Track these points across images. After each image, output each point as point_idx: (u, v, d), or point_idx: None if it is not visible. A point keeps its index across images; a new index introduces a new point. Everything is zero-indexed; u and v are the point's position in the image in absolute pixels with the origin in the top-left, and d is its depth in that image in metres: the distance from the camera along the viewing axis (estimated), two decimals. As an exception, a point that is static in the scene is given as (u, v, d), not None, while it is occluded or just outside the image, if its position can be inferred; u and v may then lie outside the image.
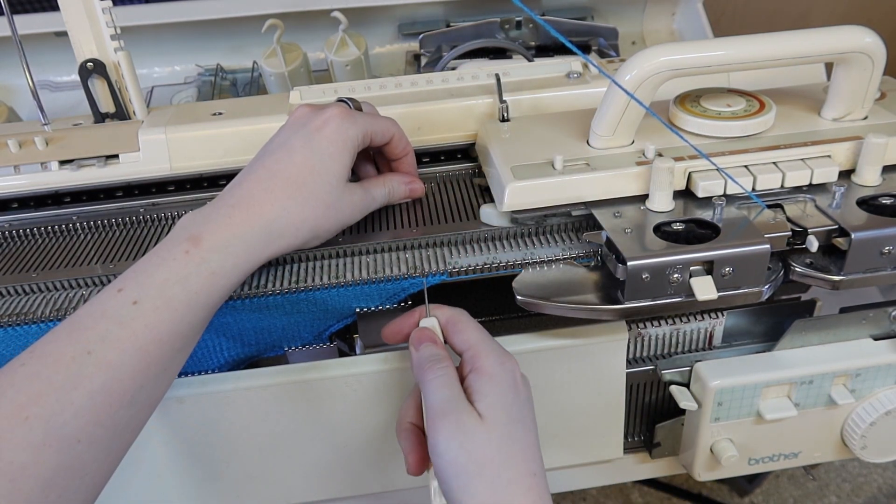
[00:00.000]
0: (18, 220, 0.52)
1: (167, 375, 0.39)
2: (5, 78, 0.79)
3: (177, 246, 0.39)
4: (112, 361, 0.35)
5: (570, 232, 0.47)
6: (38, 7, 0.87)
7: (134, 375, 0.36)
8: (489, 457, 0.36)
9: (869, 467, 1.08)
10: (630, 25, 0.84)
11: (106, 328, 0.36)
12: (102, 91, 0.53)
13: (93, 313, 0.37)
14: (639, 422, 0.52)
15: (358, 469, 0.49)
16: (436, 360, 0.39)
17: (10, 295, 0.45)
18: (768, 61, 0.43)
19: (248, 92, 0.78)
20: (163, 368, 0.38)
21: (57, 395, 0.34)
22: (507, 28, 0.76)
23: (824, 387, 0.47)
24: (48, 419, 0.33)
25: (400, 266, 0.45)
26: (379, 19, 0.80)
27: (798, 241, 0.43)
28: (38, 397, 0.34)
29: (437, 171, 0.54)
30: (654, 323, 0.48)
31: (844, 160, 0.45)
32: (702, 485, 1.08)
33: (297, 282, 0.44)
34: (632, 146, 0.47)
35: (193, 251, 0.38)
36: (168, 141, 0.51)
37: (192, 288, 0.38)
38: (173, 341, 0.38)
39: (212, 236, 0.39)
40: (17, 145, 0.51)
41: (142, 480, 0.47)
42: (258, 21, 0.72)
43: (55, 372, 0.34)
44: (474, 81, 0.55)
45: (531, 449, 0.38)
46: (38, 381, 0.34)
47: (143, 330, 0.36)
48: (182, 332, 0.38)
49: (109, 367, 0.35)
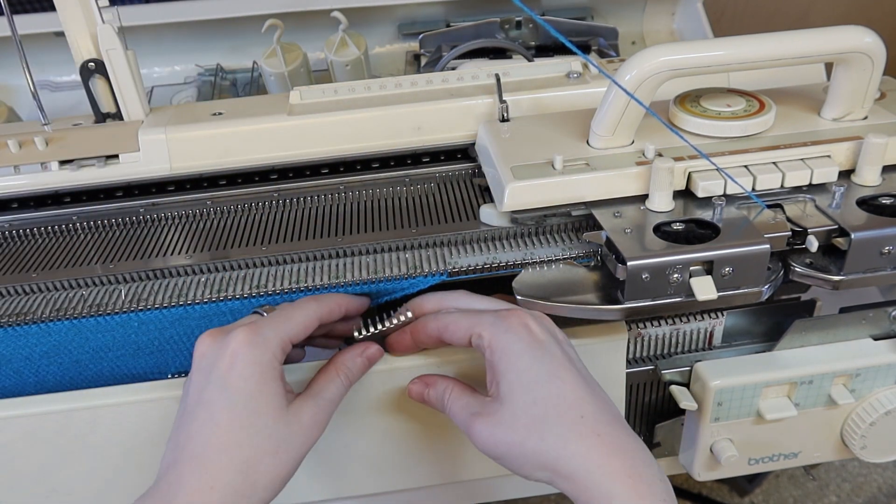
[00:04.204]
0: (18, 220, 0.52)
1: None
2: (5, 78, 0.79)
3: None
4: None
5: (570, 232, 0.47)
6: (38, 7, 0.87)
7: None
8: (518, 437, 0.37)
9: (869, 467, 1.08)
10: (630, 25, 0.83)
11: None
12: (103, 91, 0.53)
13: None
14: (639, 422, 0.52)
15: (358, 469, 0.49)
16: (440, 391, 0.42)
17: (10, 295, 0.45)
18: (768, 61, 0.43)
19: (248, 92, 0.78)
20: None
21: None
22: (507, 28, 0.76)
23: (824, 387, 0.47)
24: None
25: (400, 266, 0.45)
26: (379, 19, 0.80)
27: (798, 241, 0.43)
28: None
29: (437, 171, 0.54)
30: (654, 323, 0.48)
31: (844, 160, 0.45)
32: (702, 485, 1.07)
33: (297, 282, 0.44)
34: (632, 146, 0.47)
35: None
36: (168, 141, 0.51)
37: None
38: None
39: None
40: (17, 145, 0.51)
41: (142, 480, 0.47)
42: (258, 21, 0.72)
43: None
44: (474, 81, 0.55)
45: (574, 392, 0.38)
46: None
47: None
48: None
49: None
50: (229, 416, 0.36)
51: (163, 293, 0.44)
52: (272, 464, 0.36)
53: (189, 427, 0.37)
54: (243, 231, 0.49)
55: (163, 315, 0.44)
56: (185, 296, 0.44)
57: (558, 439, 0.37)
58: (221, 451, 0.36)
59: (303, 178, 0.54)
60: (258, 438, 0.36)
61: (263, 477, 0.36)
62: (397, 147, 0.53)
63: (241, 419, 0.36)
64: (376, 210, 0.50)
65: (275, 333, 0.38)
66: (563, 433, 0.37)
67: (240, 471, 0.35)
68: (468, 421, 0.40)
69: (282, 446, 0.37)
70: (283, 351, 0.38)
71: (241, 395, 0.36)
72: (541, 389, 0.38)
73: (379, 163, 0.54)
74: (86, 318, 0.43)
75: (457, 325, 0.41)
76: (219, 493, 0.35)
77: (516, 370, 0.38)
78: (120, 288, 0.45)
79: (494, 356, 0.39)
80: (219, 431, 0.36)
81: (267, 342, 0.38)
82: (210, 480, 0.35)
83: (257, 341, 0.37)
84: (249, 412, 0.36)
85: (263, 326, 0.38)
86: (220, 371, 0.37)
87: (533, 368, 0.38)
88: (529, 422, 0.37)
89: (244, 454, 0.36)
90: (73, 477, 0.46)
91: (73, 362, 0.45)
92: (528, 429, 0.37)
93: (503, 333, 0.39)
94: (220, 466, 0.35)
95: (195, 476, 0.35)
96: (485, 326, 0.40)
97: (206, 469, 0.35)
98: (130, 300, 0.44)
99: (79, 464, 0.46)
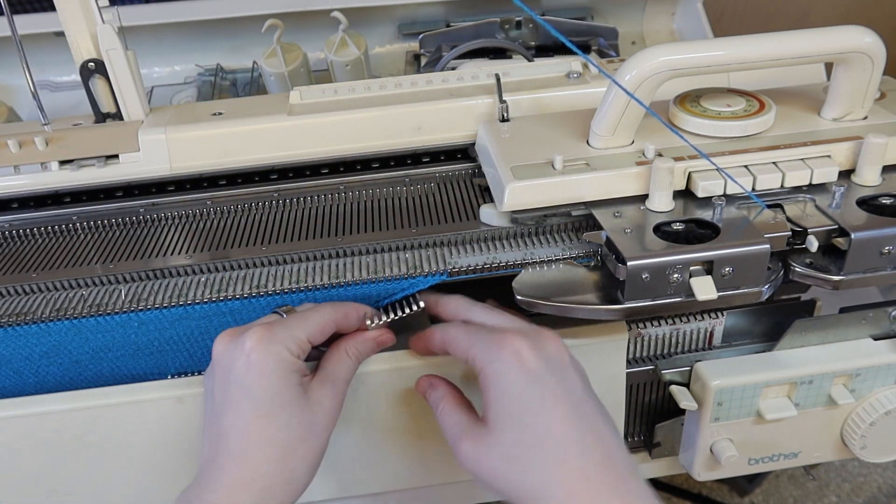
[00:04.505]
0: (18, 220, 0.52)
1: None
2: (5, 78, 0.79)
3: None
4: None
5: (570, 232, 0.47)
6: (38, 7, 0.87)
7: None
8: (501, 468, 0.37)
9: (869, 467, 1.08)
10: (630, 25, 0.83)
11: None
12: (103, 91, 0.53)
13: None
14: (638, 422, 0.52)
15: (358, 469, 0.49)
16: (437, 398, 0.42)
17: (10, 295, 0.45)
18: (768, 61, 0.43)
19: (248, 92, 0.78)
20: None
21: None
22: (507, 28, 0.76)
23: (824, 387, 0.47)
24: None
25: (400, 266, 0.45)
26: (379, 19, 0.80)
27: (798, 241, 0.43)
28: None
29: (437, 171, 0.54)
30: (654, 323, 0.48)
31: (844, 160, 0.45)
32: (702, 485, 1.07)
33: (297, 282, 0.44)
34: (632, 146, 0.47)
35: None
36: (168, 141, 0.51)
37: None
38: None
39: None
40: (17, 145, 0.51)
41: (142, 480, 0.47)
42: (258, 21, 0.72)
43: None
44: (474, 81, 0.55)
45: (562, 427, 0.36)
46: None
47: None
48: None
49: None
50: (256, 413, 0.37)
51: (163, 293, 0.44)
52: (305, 450, 0.38)
53: (220, 425, 0.38)
54: (243, 231, 0.49)
55: (163, 315, 0.44)
56: (185, 296, 0.44)
57: (540, 478, 0.36)
58: (257, 446, 0.37)
59: (303, 178, 0.54)
60: (288, 430, 0.38)
61: (300, 464, 0.38)
62: (397, 147, 0.53)
63: (268, 415, 0.38)
64: (376, 210, 0.50)
65: (288, 332, 0.39)
66: (546, 473, 0.36)
67: (277, 462, 0.37)
68: (456, 438, 0.39)
69: (310, 432, 0.39)
70: (299, 347, 0.39)
71: (264, 393, 0.38)
72: (527, 423, 0.36)
73: (379, 163, 0.54)
74: (86, 318, 0.43)
75: (456, 343, 0.41)
76: (261, 485, 0.37)
77: (504, 401, 0.37)
78: (120, 288, 0.45)
79: (484, 383, 0.38)
80: (250, 429, 0.37)
81: (281, 340, 0.38)
82: (250, 474, 0.37)
83: (271, 339, 0.38)
84: (275, 407, 0.38)
85: (277, 326, 0.39)
86: (238, 371, 0.38)
87: (521, 400, 0.37)
88: (513, 455, 0.36)
89: (278, 447, 0.37)
90: (72, 477, 0.46)
91: (73, 362, 0.45)
92: (511, 462, 0.36)
93: (493, 362, 0.38)
94: (258, 460, 0.37)
95: (235, 470, 0.37)
96: (477, 351, 0.39)
97: (245, 463, 0.37)
98: (130, 300, 0.44)
99: (78, 464, 0.46)
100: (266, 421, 0.37)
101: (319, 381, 0.40)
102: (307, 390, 0.39)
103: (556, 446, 0.36)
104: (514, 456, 0.37)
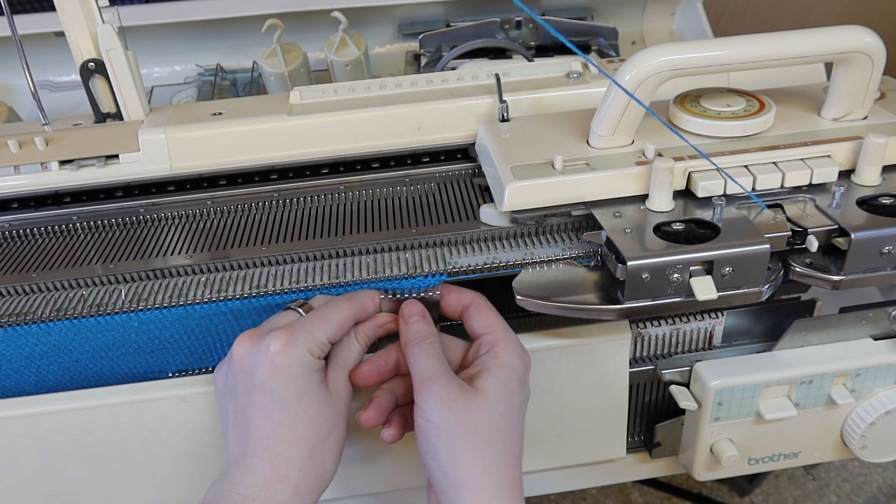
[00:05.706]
0: (18, 220, 0.52)
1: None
2: (5, 78, 0.79)
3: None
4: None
5: (570, 232, 0.47)
6: (38, 7, 0.87)
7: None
8: (479, 425, 0.38)
9: (869, 467, 1.08)
10: (630, 25, 0.84)
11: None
12: (103, 91, 0.53)
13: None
14: (639, 422, 0.52)
15: (358, 469, 0.49)
16: (425, 335, 0.42)
17: (10, 295, 0.45)
18: (768, 61, 0.43)
19: (248, 92, 0.78)
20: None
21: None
22: (507, 28, 0.76)
23: (824, 387, 0.47)
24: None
25: (400, 266, 0.45)
26: (379, 19, 0.80)
27: (798, 241, 0.43)
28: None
29: (437, 171, 0.54)
30: (654, 323, 0.48)
31: (844, 160, 0.45)
32: (702, 485, 1.08)
33: (297, 282, 0.44)
34: (632, 146, 0.47)
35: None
36: (168, 141, 0.51)
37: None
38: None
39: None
40: (17, 145, 0.51)
41: (143, 480, 0.47)
42: (258, 21, 0.72)
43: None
44: (474, 81, 0.55)
45: (517, 437, 0.40)
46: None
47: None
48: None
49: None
50: (285, 415, 0.39)
51: (163, 293, 0.44)
52: (333, 440, 0.40)
53: (247, 425, 0.39)
54: (243, 231, 0.49)
55: (163, 315, 0.44)
56: (185, 296, 0.44)
57: (483, 464, 0.38)
58: (288, 444, 0.39)
59: (303, 178, 0.54)
60: (316, 427, 0.39)
61: (330, 454, 0.40)
62: (397, 147, 0.53)
63: (296, 416, 0.39)
64: (376, 210, 0.50)
65: (310, 335, 0.40)
66: (491, 463, 0.38)
67: (310, 456, 0.39)
68: (435, 374, 0.40)
69: (335, 422, 0.40)
70: (320, 349, 0.40)
71: (291, 396, 0.39)
72: (506, 415, 0.40)
73: (379, 163, 0.54)
74: (86, 318, 0.43)
75: (483, 315, 0.42)
76: (295, 479, 0.38)
77: (503, 382, 0.40)
78: (120, 288, 0.45)
79: (493, 360, 0.41)
80: (279, 429, 0.39)
81: (303, 343, 0.39)
82: (284, 469, 0.38)
83: (294, 343, 0.39)
84: (303, 406, 0.39)
85: (299, 329, 0.40)
86: (262, 376, 0.39)
87: (515, 394, 0.40)
88: (479, 432, 0.38)
89: (309, 442, 0.39)
90: (72, 476, 0.46)
91: (73, 362, 0.45)
92: (474, 436, 0.38)
93: (513, 355, 0.41)
94: (290, 457, 0.39)
95: (268, 467, 0.38)
96: (502, 334, 0.42)
97: (279, 460, 0.38)
98: (130, 300, 0.44)
99: (78, 464, 0.46)
100: (295, 421, 0.39)
101: (333, 369, 0.42)
102: (327, 383, 0.41)
103: (511, 443, 0.40)
104: (497, 419, 0.39)
